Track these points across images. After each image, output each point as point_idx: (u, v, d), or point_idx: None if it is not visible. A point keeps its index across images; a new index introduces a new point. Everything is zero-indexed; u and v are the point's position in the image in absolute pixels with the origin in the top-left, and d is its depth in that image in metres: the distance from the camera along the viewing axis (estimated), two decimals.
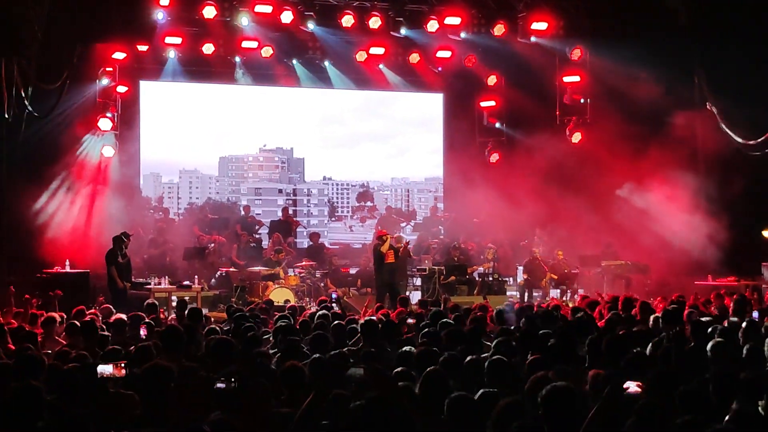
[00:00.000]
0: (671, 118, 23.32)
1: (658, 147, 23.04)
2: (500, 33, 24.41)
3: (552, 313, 13.74)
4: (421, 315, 14.04)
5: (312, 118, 28.21)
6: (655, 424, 6.35)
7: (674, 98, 23.47)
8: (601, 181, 23.79)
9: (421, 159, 29.97)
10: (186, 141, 27.47)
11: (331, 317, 12.93)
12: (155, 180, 28.31)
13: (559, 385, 6.53)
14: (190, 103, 26.84)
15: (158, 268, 22.48)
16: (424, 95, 28.76)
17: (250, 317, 13.29)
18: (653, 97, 23.06)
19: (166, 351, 9.03)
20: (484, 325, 12.10)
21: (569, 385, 6.61)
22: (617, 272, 23.70)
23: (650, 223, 23.04)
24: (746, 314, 13.16)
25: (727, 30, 21.53)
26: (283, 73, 25.68)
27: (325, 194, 30.20)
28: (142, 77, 24.99)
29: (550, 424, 6.25)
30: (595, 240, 24.34)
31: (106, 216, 22.26)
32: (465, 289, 23.78)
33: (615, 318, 12.59)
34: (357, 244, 29.28)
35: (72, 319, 13.08)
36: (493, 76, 26.52)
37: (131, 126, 24.51)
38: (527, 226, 25.52)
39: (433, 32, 24.14)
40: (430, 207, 30.51)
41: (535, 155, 24.16)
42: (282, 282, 22.34)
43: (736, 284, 21.71)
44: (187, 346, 9.93)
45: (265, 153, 30.00)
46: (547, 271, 23.80)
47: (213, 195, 28.94)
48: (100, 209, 22.39)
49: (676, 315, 12.57)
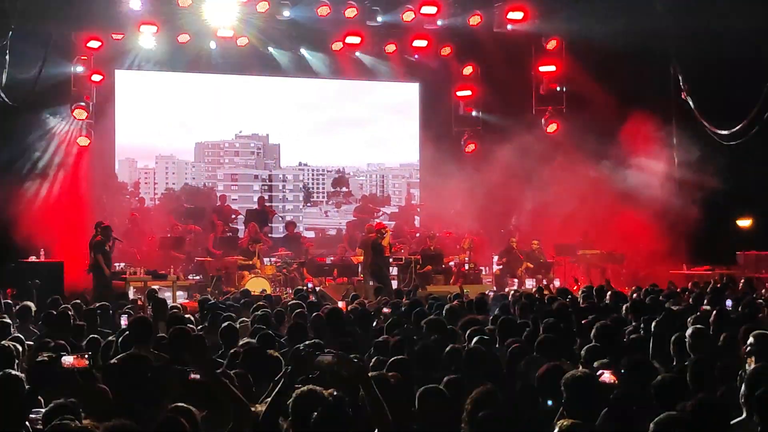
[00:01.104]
0: (647, 108, 23.42)
1: (634, 136, 23.17)
2: (476, 23, 24.39)
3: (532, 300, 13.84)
4: (397, 304, 14.06)
5: (287, 105, 28.16)
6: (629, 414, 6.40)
7: (650, 88, 23.59)
8: (576, 170, 23.87)
9: (397, 145, 29.98)
10: (162, 128, 27.38)
11: (307, 307, 12.95)
12: (130, 165, 28.23)
13: (581, 374, 6.63)
14: (166, 91, 26.70)
15: (134, 258, 22.43)
16: (401, 84, 28.75)
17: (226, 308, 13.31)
18: (629, 86, 23.16)
19: (135, 342, 9.01)
20: (460, 314, 12.10)
21: (590, 373, 6.69)
22: (592, 261, 23.86)
23: (625, 212, 23.14)
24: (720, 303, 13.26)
25: (703, 20, 21.61)
26: (258, 62, 25.60)
27: (301, 180, 30.14)
28: (117, 66, 24.84)
29: (572, 412, 6.31)
30: (571, 230, 24.43)
31: (81, 204, 22.18)
32: (441, 278, 23.80)
33: (589, 307, 12.65)
34: (332, 229, 29.29)
35: (48, 308, 13.05)
36: (469, 66, 26.50)
37: (106, 114, 24.39)
38: (503, 215, 25.60)
39: (408, 21, 24.08)
40: (404, 196, 30.53)
41: (511, 145, 24.18)
42: (258, 272, 22.33)
43: (710, 273, 21.87)
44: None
45: (241, 139, 29.92)
46: (523, 261, 23.88)
47: (189, 180, 28.86)
48: (75, 198, 22.29)
49: (648, 304, 12.67)
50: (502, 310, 12.39)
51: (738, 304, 12.89)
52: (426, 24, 24.44)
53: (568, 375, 6.67)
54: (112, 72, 24.67)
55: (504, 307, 12.74)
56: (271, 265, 22.95)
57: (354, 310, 13.28)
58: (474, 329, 9.88)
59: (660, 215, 22.67)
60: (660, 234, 22.59)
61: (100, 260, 19.32)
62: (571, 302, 13.95)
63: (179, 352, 8.43)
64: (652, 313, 11.32)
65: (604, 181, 23.82)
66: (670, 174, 23.66)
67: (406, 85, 28.68)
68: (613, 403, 6.45)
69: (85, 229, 20.25)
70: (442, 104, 27.60)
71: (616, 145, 23.30)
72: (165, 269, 21.43)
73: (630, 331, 10.41)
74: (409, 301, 14.46)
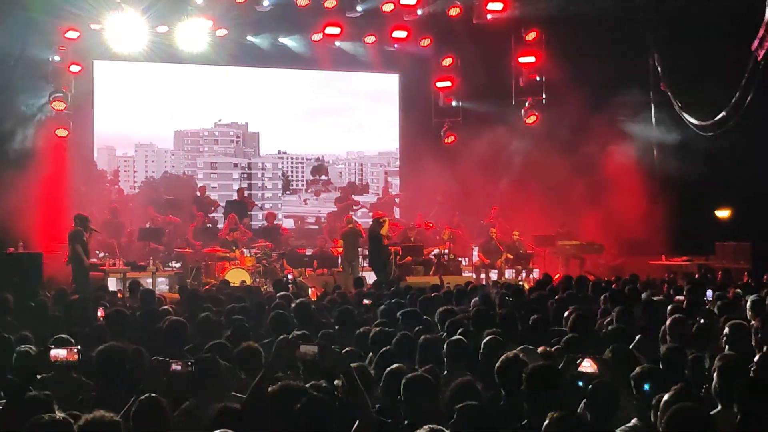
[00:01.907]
0: (626, 99, 23.50)
1: (613, 128, 23.23)
2: (455, 14, 24.40)
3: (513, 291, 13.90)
4: (377, 296, 14.06)
5: (267, 94, 28.16)
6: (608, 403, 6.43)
7: (629, 79, 23.66)
8: (556, 161, 23.93)
9: (377, 132, 30.06)
10: (141, 116, 27.34)
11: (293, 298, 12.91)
12: (109, 153, 28.16)
13: (541, 364, 6.64)
14: (145, 80, 26.64)
15: (113, 249, 22.35)
16: (381, 75, 28.76)
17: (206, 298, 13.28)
18: (608, 78, 23.22)
19: (113, 334, 8.98)
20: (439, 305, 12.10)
21: (551, 364, 6.70)
22: (572, 252, 23.92)
23: (605, 203, 23.21)
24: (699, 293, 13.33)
25: (682, 12, 21.69)
26: (238, 52, 25.53)
27: (280, 168, 30.14)
28: (96, 57, 24.72)
29: (531, 403, 6.32)
30: (551, 221, 24.51)
31: (60, 195, 22.08)
32: (421, 269, 23.82)
33: (568, 297, 12.68)
34: (310, 217, 29.30)
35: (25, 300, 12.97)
36: (448, 57, 26.50)
37: (85, 104, 24.33)
38: (483, 207, 25.64)
39: (388, 12, 24.07)
40: (382, 188, 30.54)
41: (490, 136, 24.22)
42: (238, 263, 22.30)
43: (689, 264, 21.98)
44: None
45: (220, 127, 29.90)
46: (503, 252, 23.93)
47: (169, 168, 28.81)
48: (54, 188, 22.16)
49: (626, 294, 12.72)
50: (482, 301, 12.39)
51: (717, 294, 12.97)
52: (405, 15, 24.46)
53: (529, 366, 6.68)
54: (91, 62, 24.55)
55: (484, 298, 12.74)
56: (250, 257, 22.91)
57: (333, 301, 13.28)
58: (452, 320, 9.91)
59: (639, 206, 22.72)
60: (639, 225, 22.65)
61: (78, 251, 19.20)
62: (550, 293, 13.99)
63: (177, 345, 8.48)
64: (631, 304, 11.37)
65: (583, 172, 23.88)
66: (648, 164, 23.74)
67: (386, 75, 28.70)
68: (594, 393, 6.47)
69: (64, 220, 20.15)
70: (422, 95, 27.61)
71: (595, 136, 23.34)
72: (144, 260, 21.38)
73: (609, 322, 10.45)
74: (390, 292, 14.48)
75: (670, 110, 22.96)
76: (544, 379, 6.48)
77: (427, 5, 24.44)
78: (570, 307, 10.93)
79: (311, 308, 11.34)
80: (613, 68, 23.18)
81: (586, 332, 9.15)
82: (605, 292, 13.30)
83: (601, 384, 6.54)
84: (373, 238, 21.73)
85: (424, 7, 24.44)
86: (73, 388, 7.18)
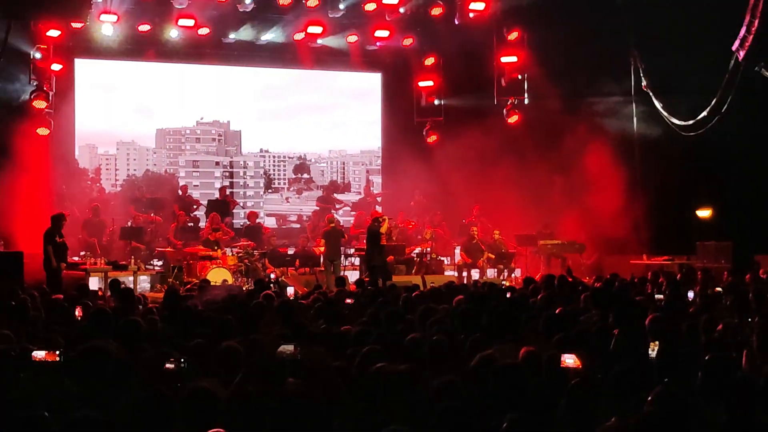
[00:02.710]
0: (607, 99, 23.58)
1: (595, 127, 23.29)
2: (438, 14, 24.43)
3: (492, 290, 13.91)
4: (359, 295, 14.07)
5: (249, 92, 28.19)
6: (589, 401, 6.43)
7: (610, 79, 23.72)
8: (538, 161, 24.00)
9: (358, 131, 30.11)
10: (122, 114, 27.32)
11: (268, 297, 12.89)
12: (91, 151, 28.08)
13: (504, 363, 6.61)
14: (127, 78, 26.67)
15: (94, 248, 22.29)
16: (363, 74, 28.77)
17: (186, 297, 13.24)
18: (589, 78, 23.28)
19: (94, 333, 8.94)
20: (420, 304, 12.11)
21: (515, 363, 6.68)
22: (553, 252, 23.96)
23: (586, 202, 23.28)
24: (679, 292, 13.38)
25: (662, 12, 21.77)
26: (219, 52, 25.51)
27: (262, 166, 30.14)
28: (77, 55, 24.67)
29: (495, 401, 6.31)
30: (533, 220, 24.55)
31: (41, 194, 21.98)
32: (403, 269, 23.84)
33: (549, 296, 12.70)
34: (292, 215, 29.28)
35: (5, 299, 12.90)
36: (431, 57, 26.52)
37: (66, 102, 24.24)
38: (465, 206, 25.67)
39: (370, 11, 24.09)
40: (363, 187, 30.55)
41: (472, 136, 24.22)
42: (219, 262, 22.25)
43: (670, 263, 22.06)
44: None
45: (202, 126, 29.90)
46: (485, 251, 23.96)
47: (151, 167, 28.76)
48: (35, 187, 22.05)
49: (607, 294, 12.75)
50: (466, 299, 12.40)
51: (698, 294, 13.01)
52: (388, 14, 24.46)
53: (496, 365, 6.68)
54: (72, 61, 24.49)
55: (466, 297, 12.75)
56: (232, 256, 22.85)
57: (315, 300, 13.27)
58: (434, 319, 9.91)
59: (620, 205, 22.80)
60: (620, 224, 22.74)
61: (49, 251, 19.08)
62: (532, 292, 14.01)
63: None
64: (612, 303, 11.39)
65: (565, 172, 23.94)
66: (630, 164, 23.81)
67: (369, 74, 28.71)
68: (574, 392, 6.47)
69: (45, 218, 20.03)
70: (404, 94, 27.62)
71: (577, 136, 23.37)
72: (126, 260, 21.32)
73: (591, 320, 10.47)
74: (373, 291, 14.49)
75: (652, 110, 23.04)
76: (509, 378, 6.47)
77: (409, 4, 24.46)
78: (551, 305, 10.95)
79: (294, 307, 11.33)
80: (595, 68, 23.26)
81: (567, 331, 9.15)
82: (586, 291, 13.33)
83: (580, 382, 6.54)
84: (371, 236, 21.66)
85: (407, 6, 24.46)
86: (55, 388, 7.16)
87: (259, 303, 11.72)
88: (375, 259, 21.43)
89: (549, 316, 9.81)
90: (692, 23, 20.47)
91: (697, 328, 9.53)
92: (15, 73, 22.19)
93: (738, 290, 12.93)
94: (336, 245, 22.92)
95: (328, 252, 22.79)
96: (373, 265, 21.30)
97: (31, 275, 19.29)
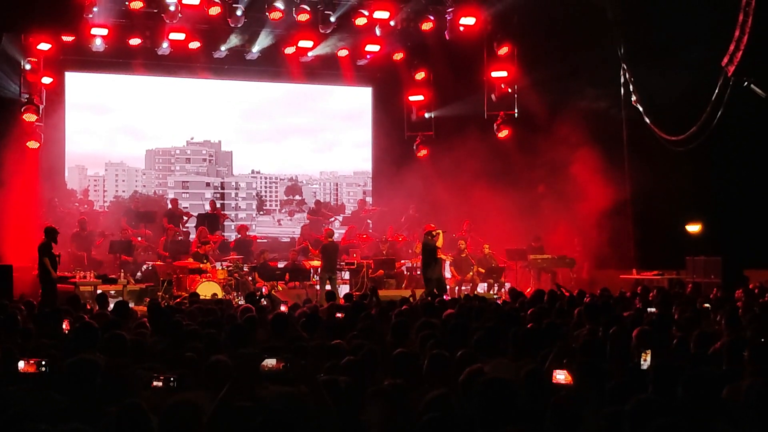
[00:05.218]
0: (597, 114, 23.62)
1: (585, 142, 23.31)
2: (428, 28, 24.48)
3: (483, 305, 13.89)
4: (349, 309, 14.03)
5: (240, 112, 28.18)
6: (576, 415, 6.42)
7: (601, 94, 23.77)
8: (528, 175, 24.04)
9: (350, 153, 30.10)
10: (112, 133, 27.23)
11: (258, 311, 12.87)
12: (80, 173, 27.97)
13: (493, 377, 6.58)
14: (117, 94, 26.60)
15: (83, 262, 22.24)
16: (353, 89, 28.78)
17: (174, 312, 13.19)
18: (579, 92, 23.33)
19: (80, 347, 8.90)
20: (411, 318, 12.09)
21: (504, 378, 6.65)
22: (543, 266, 23.98)
23: (576, 217, 23.31)
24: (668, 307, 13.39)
25: (653, 27, 21.84)
26: (210, 66, 25.52)
27: (254, 188, 30.08)
28: (68, 68, 24.66)
29: (484, 416, 6.28)
30: (523, 234, 24.57)
31: (30, 208, 21.93)
32: (393, 282, 23.84)
33: (539, 311, 12.69)
34: (285, 237, 29.17)
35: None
36: (421, 71, 26.55)
37: (56, 118, 24.23)
38: (455, 220, 25.67)
39: (361, 26, 24.14)
40: (358, 200, 30.51)
41: (463, 150, 24.27)
42: (209, 276, 22.18)
43: (660, 277, 22.08)
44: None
45: (192, 146, 29.83)
46: (475, 265, 23.96)
47: (140, 188, 28.65)
48: (24, 201, 21.99)
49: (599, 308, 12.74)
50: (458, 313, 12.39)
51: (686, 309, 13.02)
52: (378, 29, 24.48)
53: (482, 379, 6.65)
54: (63, 74, 24.48)
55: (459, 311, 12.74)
56: (222, 270, 22.78)
57: (304, 314, 13.23)
58: (426, 333, 9.88)
59: (610, 220, 22.83)
60: (610, 238, 22.78)
61: (46, 263, 19.04)
62: (522, 306, 14.01)
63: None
64: (602, 317, 11.40)
65: (555, 186, 23.97)
66: (620, 179, 23.82)
67: (359, 89, 28.73)
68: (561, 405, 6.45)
69: (35, 232, 19.99)
70: (395, 109, 27.65)
71: (567, 151, 23.41)
72: (115, 273, 21.27)
73: (582, 335, 10.46)
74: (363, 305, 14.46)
75: (642, 125, 23.07)
76: (495, 392, 6.45)
77: (400, 19, 24.51)
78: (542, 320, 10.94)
79: (286, 321, 11.30)
80: (585, 82, 23.32)
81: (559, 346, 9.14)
82: (578, 306, 13.33)
83: (564, 396, 6.53)
84: (429, 251, 21.51)
85: (397, 21, 24.51)
86: (42, 401, 7.12)
87: (252, 317, 11.69)
88: (431, 272, 21.35)
89: (536, 330, 9.80)
90: (682, 38, 20.52)
91: (687, 341, 9.54)
92: (6, 86, 22.15)
93: (728, 305, 12.96)
94: (333, 260, 22.76)
95: (325, 266, 22.63)
96: (428, 277, 21.26)
97: (20, 289, 19.25)
